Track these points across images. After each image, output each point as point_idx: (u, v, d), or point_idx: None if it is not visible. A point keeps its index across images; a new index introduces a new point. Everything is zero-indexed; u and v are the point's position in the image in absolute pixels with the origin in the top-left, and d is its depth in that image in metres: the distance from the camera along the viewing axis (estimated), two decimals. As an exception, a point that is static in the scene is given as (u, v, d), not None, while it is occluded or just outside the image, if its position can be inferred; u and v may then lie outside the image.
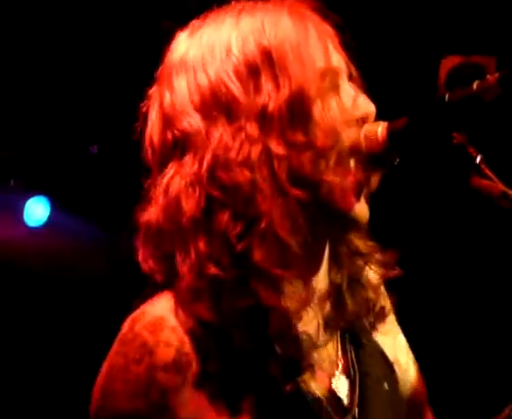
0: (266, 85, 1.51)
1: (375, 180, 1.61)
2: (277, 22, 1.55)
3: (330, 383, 1.61)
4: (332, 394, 1.60)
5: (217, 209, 1.48)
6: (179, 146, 1.52)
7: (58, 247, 5.19)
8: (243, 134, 1.49)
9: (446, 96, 1.52)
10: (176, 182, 1.51)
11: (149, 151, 1.58)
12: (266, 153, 1.49)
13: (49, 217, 5.16)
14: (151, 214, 1.53)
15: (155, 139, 1.56)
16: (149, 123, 1.59)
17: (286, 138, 1.50)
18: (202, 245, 1.48)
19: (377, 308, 1.70)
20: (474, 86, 1.49)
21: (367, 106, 1.61)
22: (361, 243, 1.68)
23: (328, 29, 1.61)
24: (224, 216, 1.47)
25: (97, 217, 5.22)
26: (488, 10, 3.91)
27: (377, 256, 1.69)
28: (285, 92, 1.51)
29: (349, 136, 1.56)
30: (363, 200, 1.60)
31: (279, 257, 1.49)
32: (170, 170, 1.52)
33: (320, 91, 1.54)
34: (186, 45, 1.58)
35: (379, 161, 1.62)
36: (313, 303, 1.57)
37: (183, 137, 1.52)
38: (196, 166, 1.50)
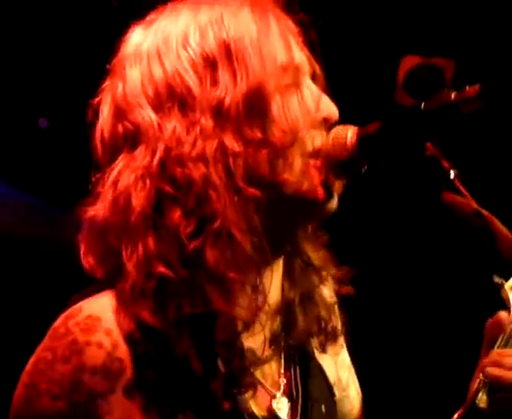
0: (224, 78, 1.46)
1: (339, 185, 1.54)
2: (237, 15, 1.50)
3: (271, 403, 1.55)
4: (272, 415, 1.54)
5: (168, 206, 1.41)
6: (130, 138, 1.46)
7: (3, 221, 5.12)
8: (197, 128, 1.44)
9: (422, 104, 1.45)
10: (125, 176, 1.44)
11: (99, 145, 1.50)
12: (222, 149, 1.43)
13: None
14: (98, 209, 1.46)
15: (106, 132, 1.49)
16: (101, 116, 1.51)
17: (242, 134, 1.44)
18: (151, 242, 1.41)
19: (329, 328, 1.63)
20: (452, 96, 1.43)
21: (330, 108, 1.55)
22: (315, 255, 1.62)
23: (292, 25, 1.56)
24: (176, 213, 1.41)
25: (46, 194, 5.14)
26: (451, 11, 3.88)
27: (332, 271, 1.63)
28: (242, 86, 1.45)
29: (312, 137, 1.52)
30: (335, 196, 1.53)
31: (232, 259, 1.42)
32: (120, 163, 1.46)
33: (279, 87, 1.48)
34: (141, 37, 1.52)
35: (346, 167, 1.55)
36: (263, 316, 1.50)
37: (135, 129, 1.46)
38: (147, 159, 1.43)
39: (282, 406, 1.56)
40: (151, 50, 1.49)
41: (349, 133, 1.54)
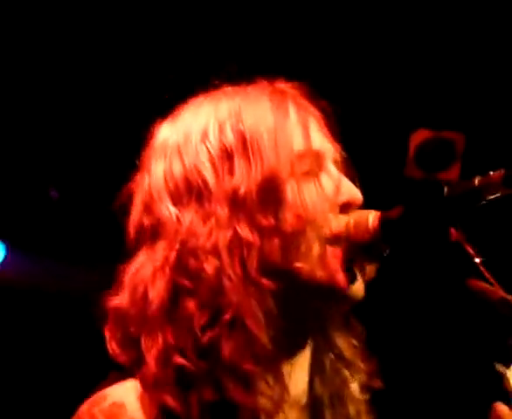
0: (239, 168, 1.48)
1: (371, 269, 1.54)
2: (255, 105, 1.53)
3: None
4: None
5: (183, 297, 1.43)
6: (152, 231, 1.50)
7: (14, 287, 5.20)
8: (213, 219, 1.46)
9: (445, 189, 1.44)
10: (145, 268, 1.47)
11: (129, 236, 1.54)
12: (236, 239, 1.44)
13: (4, 260, 5.16)
14: (120, 299, 1.49)
15: (133, 223, 1.54)
16: (133, 208, 1.55)
17: (255, 222, 1.45)
18: (168, 334, 1.43)
19: None
20: (476, 182, 1.41)
21: (351, 192, 1.55)
22: (347, 347, 1.60)
23: (314, 111, 1.58)
24: (190, 305, 1.42)
25: (56, 259, 5.19)
26: (461, 85, 3.90)
27: (362, 365, 1.61)
28: (257, 174, 1.47)
29: (331, 222, 1.51)
30: (360, 280, 1.52)
31: (248, 351, 1.41)
32: (141, 255, 1.50)
33: (295, 174, 1.49)
34: (167, 131, 1.57)
35: (368, 251, 1.54)
36: (288, 410, 1.49)
37: (157, 223, 1.49)
38: (166, 252, 1.46)
39: None
40: (173, 145, 1.53)
41: (371, 216, 1.52)
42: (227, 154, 1.49)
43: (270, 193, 1.47)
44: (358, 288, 1.53)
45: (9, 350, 5.20)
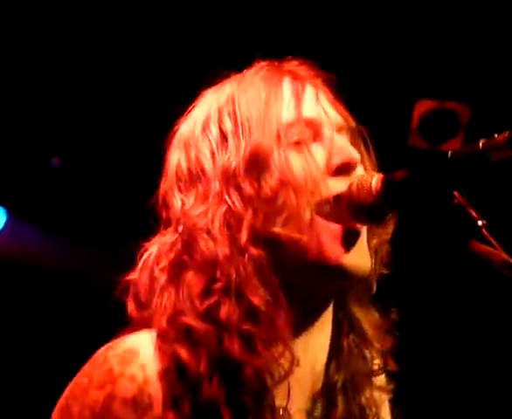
0: (231, 147, 1.58)
1: (386, 232, 1.59)
2: (249, 86, 1.63)
3: None
4: None
5: (184, 271, 1.54)
6: (166, 220, 1.63)
7: (14, 255, 5.21)
8: (210, 199, 1.56)
9: (449, 152, 1.43)
10: (155, 252, 1.60)
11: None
12: (228, 213, 1.54)
13: (4, 227, 5.16)
14: (135, 275, 1.62)
15: (158, 212, 1.67)
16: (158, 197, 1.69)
17: (242, 192, 1.54)
18: (174, 302, 1.53)
19: (371, 416, 1.64)
20: (480, 144, 1.40)
21: (344, 153, 1.57)
22: (367, 323, 1.63)
23: (315, 83, 1.65)
24: (188, 277, 1.53)
25: (56, 229, 5.19)
26: (468, 55, 3.88)
27: (380, 345, 1.64)
28: (245, 149, 1.56)
29: (323, 188, 1.54)
30: (354, 251, 1.53)
31: (244, 314, 1.49)
32: (155, 240, 1.63)
33: (282, 144, 1.55)
34: (182, 124, 1.69)
35: (371, 214, 1.53)
36: (301, 391, 1.56)
37: (168, 212, 1.62)
38: (172, 237, 1.59)
39: None
40: (182, 138, 1.66)
41: (374, 179, 1.52)
42: (224, 138, 1.59)
43: (256, 164, 1.54)
44: (358, 264, 1.54)
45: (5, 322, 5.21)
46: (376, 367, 1.66)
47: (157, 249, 1.59)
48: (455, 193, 1.43)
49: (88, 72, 4.48)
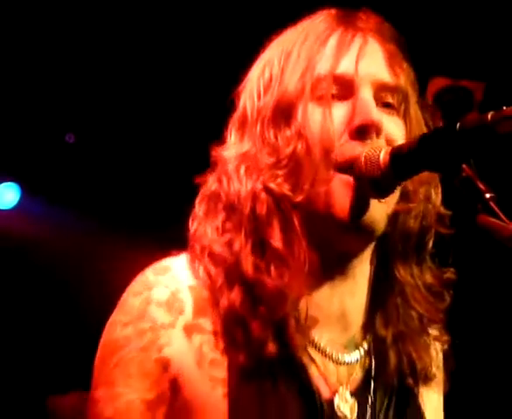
0: (269, 93, 1.62)
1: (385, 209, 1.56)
2: (298, 34, 1.64)
3: (333, 398, 1.59)
4: (328, 405, 1.58)
5: (216, 203, 1.64)
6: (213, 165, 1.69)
7: (28, 230, 5.25)
8: (244, 140, 1.64)
9: (458, 124, 1.41)
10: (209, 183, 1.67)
11: None
12: (254, 155, 1.60)
13: (18, 203, 5.22)
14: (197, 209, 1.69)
15: None
16: None
17: (266, 141, 1.59)
18: (204, 229, 1.63)
19: (420, 370, 1.65)
20: (489, 117, 1.38)
21: (365, 114, 1.54)
22: (411, 284, 1.63)
23: (373, 37, 1.62)
24: (218, 207, 1.63)
25: (70, 205, 5.21)
26: (481, 33, 3.83)
27: (420, 308, 1.64)
28: (275, 96, 1.60)
29: (341, 148, 1.53)
30: (365, 211, 1.53)
31: (262, 248, 1.56)
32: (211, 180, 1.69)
33: (308, 97, 1.56)
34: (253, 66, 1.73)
35: (378, 187, 1.52)
36: (331, 328, 1.61)
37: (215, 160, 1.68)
38: (214, 184, 1.67)
39: (344, 406, 1.59)
40: (247, 79, 1.70)
41: (383, 151, 1.51)
42: (269, 84, 1.63)
43: (281, 113, 1.58)
44: (369, 219, 1.54)
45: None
46: (426, 327, 1.66)
47: (209, 182, 1.67)
48: (463, 165, 1.41)
49: (104, 46, 4.48)
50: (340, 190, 1.53)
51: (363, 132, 1.53)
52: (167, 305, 1.57)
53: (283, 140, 1.57)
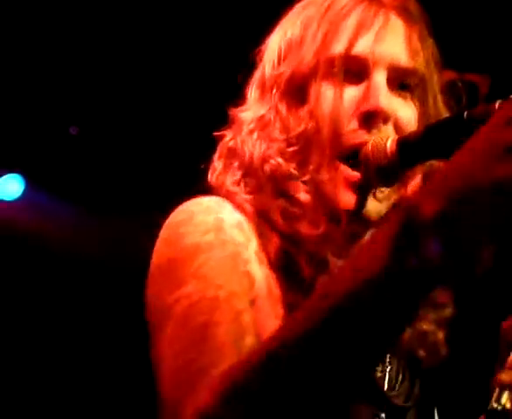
0: (284, 63, 1.60)
1: (388, 197, 1.55)
2: (323, 6, 1.60)
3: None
4: None
5: (233, 160, 1.61)
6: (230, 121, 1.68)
7: (31, 222, 5.26)
8: (258, 105, 1.63)
9: (465, 113, 1.42)
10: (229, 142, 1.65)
11: None
12: (267, 125, 1.58)
13: (23, 194, 5.22)
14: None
15: None
16: None
17: (279, 111, 1.57)
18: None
19: (431, 343, 1.63)
20: (497, 106, 1.38)
21: (373, 101, 1.53)
22: None
23: (398, 14, 1.59)
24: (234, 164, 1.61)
25: (73, 197, 5.21)
26: (485, 27, 3.83)
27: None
28: (289, 70, 1.58)
29: (348, 134, 1.53)
30: (373, 199, 1.53)
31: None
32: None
33: (321, 76, 1.54)
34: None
35: (385, 175, 1.52)
36: None
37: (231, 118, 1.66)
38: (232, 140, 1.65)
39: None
40: (265, 46, 1.68)
41: (390, 140, 1.51)
42: (285, 54, 1.60)
43: (293, 87, 1.57)
44: (368, 213, 1.54)
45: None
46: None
47: (226, 138, 1.64)
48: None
49: (107, 38, 4.47)
50: (346, 187, 1.52)
51: (369, 118, 1.53)
52: (238, 227, 1.48)
53: (295, 118, 1.55)
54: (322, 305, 1.15)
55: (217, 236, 1.44)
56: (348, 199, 1.52)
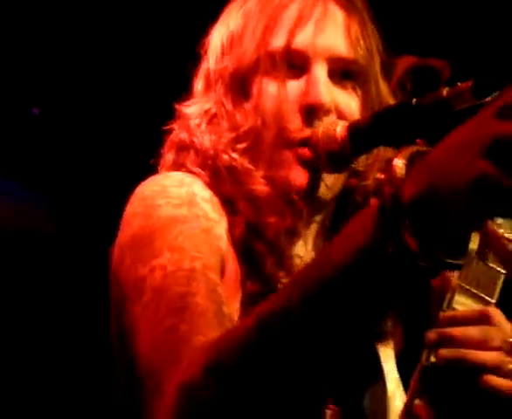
0: (227, 58, 1.61)
1: (337, 180, 1.58)
2: (259, 3, 1.60)
3: None
4: None
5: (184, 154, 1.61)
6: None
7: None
8: (204, 98, 1.64)
9: (414, 100, 1.43)
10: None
11: None
12: (212, 117, 1.60)
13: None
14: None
15: None
16: None
17: (223, 106, 1.58)
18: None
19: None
20: (444, 92, 1.39)
21: (315, 95, 1.54)
22: None
23: (339, 6, 1.60)
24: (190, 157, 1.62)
25: (33, 179, 5.16)
26: (448, 11, 3.85)
27: None
28: (232, 59, 1.59)
29: (294, 125, 1.54)
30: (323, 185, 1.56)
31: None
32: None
33: (262, 71, 1.55)
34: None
35: (336, 161, 1.53)
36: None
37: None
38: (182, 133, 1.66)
39: None
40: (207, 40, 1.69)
41: (340, 126, 1.52)
42: (228, 47, 1.61)
43: (238, 82, 1.58)
44: (322, 192, 1.56)
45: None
46: None
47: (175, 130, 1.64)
48: (419, 141, 1.43)
49: (68, 16, 4.44)
50: (297, 165, 1.54)
51: (311, 112, 1.54)
52: (211, 202, 1.49)
53: (241, 114, 1.56)
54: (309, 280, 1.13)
55: (190, 210, 1.43)
56: (300, 176, 1.54)
